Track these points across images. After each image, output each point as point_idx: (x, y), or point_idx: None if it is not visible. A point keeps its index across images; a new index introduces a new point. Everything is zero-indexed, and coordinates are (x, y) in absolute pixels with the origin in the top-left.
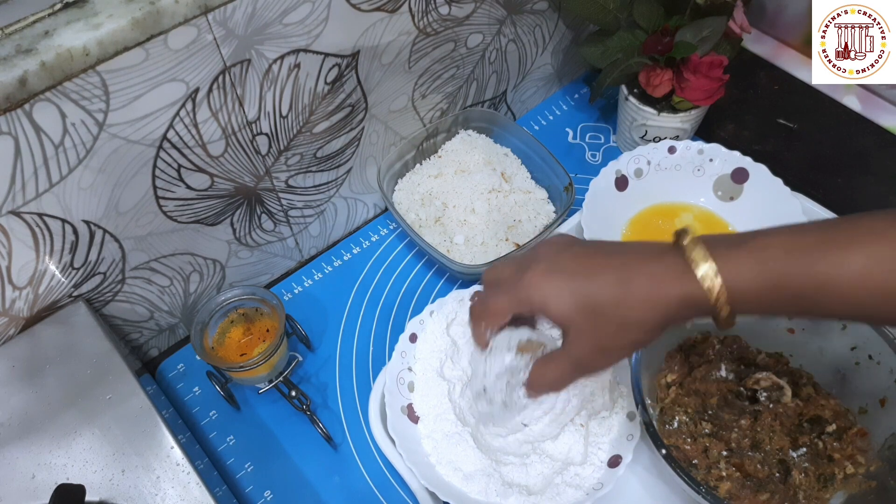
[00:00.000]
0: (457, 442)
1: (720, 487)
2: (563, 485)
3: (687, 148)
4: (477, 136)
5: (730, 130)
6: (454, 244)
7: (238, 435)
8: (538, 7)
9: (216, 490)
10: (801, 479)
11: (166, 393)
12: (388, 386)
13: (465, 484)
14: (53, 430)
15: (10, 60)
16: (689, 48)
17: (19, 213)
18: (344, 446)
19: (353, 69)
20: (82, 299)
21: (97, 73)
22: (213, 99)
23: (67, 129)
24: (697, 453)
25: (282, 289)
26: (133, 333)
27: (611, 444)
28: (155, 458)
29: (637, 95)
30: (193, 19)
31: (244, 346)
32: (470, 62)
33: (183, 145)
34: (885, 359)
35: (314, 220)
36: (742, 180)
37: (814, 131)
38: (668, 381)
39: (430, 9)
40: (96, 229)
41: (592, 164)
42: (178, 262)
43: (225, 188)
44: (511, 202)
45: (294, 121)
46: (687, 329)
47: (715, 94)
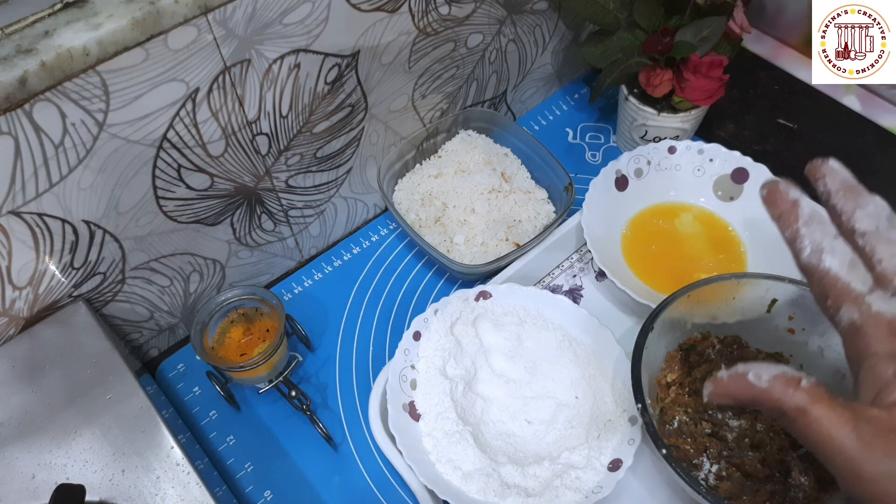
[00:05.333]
0: (457, 441)
1: (720, 487)
2: (563, 487)
3: (687, 148)
4: (477, 136)
5: (730, 130)
6: (454, 244)
7: (238, 435)
8: (538, 7)
9: (216, 490)
10: (801, 480)
11: (166, 393)
12: (391, 383)
13: (464, 483)
14: (53, 430)
15: (10, 60)
16: (689, 48)
17: (19, 213)
18: (344, 446)
19: (353, 69)
20: (82, 299)
21: (97, 73)
22: (213, 99)
23: (67, 129)
24: (697, 453)
25: (282, 289)
26: (133, 333)
27: (612, 447)
28: (155, 458)
29: (637, 95)
30: (193, 19)
31: (244, 346)
32: (470, 62)
33: (183, 145)
34: None
35: (314, 220)
36: (742, 180)
37: (814, 131)
38: (668, 381)
39: (430, 9)
40: (96, 229)
41: (592, 164)
42: (178, 262)
43: (225, 188)
44: (511, 202)
45: (294, 121)
46: (687, 329)
47: (715, 94)
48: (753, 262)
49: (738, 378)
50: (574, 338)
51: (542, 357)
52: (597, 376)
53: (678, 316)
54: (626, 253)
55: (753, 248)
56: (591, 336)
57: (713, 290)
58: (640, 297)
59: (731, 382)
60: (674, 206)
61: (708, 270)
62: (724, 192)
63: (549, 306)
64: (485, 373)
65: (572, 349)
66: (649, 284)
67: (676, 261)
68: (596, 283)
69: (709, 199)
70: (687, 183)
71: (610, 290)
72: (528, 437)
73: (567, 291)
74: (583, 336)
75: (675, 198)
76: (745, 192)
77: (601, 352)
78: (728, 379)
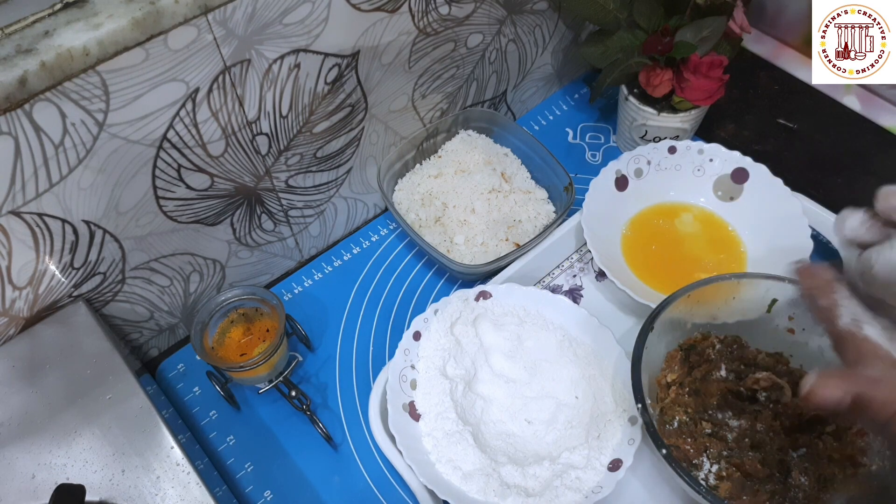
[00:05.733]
0: (457, 441)
1: (720, 487)
2: (563, 487)
3: (687, 148)
4: (477, 136)
5: (730, 130)
6: (454, 244)
7: (238, 435)
8: (538, 7)
9: (216, 490)
10: (801, 479)
11: (166, 393)
12: (391, 383)
13: (464, 483)
14: (53, 430)
15: (10, 60)
16: (689, 48)
17: (19, 213)
18: (344, 446)
19: (353, 69)
20: (82, 299)
21: (97, 73)
22: (213, 99)
23: (67, 129)
24: (697, 453)
25: (282, 289)
26: (133, 333)
27: (612, 447)
28: (155, 458)
29: (637, 95)
30: (193, 19)
31: (244, 346)
32: (470, 62)
33: (183, 145)
34: None
35: (314, 220)
36: (742, 180)
37: (814, 131)
38: (668, 381)
39: (430, 9)
40: (96, 229)
41: (592, 164)
42: (178, 262)
43: (225, 188)
44: (511, 202)
45: (294, 121)
46: (687, 329)
47: (715, 94)
48: (753, 262)
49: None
50: (574, 338)
51: (542, 357)
52: (597, 376)
53: (678, 316)
54: (626, 253)
55: (753, 248)
56: (591, 336)
57: (713, 290)
58: (640, 297)
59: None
60: (674, 206)
61: (708, 270)
62: (724, 192)
63: (549, 306)
64: (485, 373)
65: (572, 349)
66: (649, 284)
67: (676, 261)
68: (596, 283)
69: (709, 199)
70: (687, 183)
71: (610, 290)
72: (528, 437)
73: (567, 291)
74: (583, 336)
75: (675, 198)
76: (745, 192)
77: (601, 352)
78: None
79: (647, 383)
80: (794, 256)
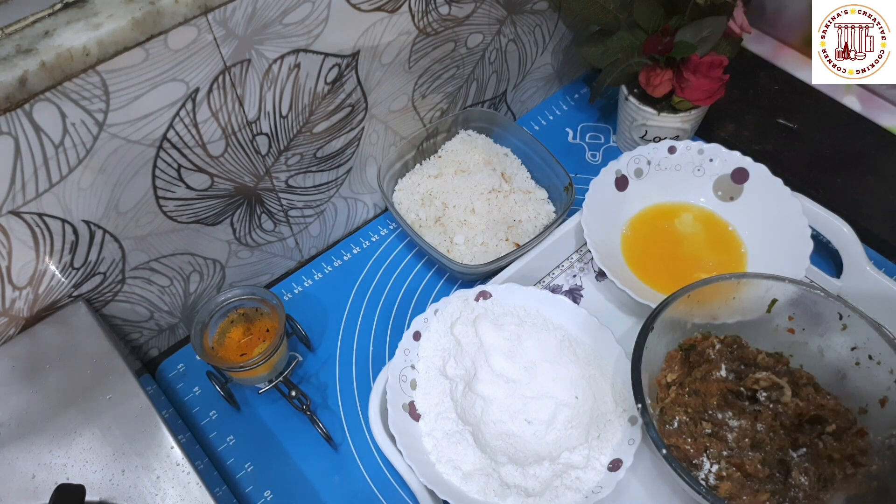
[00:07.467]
0: (457, 441)
1: (720, 487)
2: (563, 487)
3: (687, 148)
4: (477, 136)
5: (730, 130)
6: (454, 244)
7: (238, 435)
8: (538, 7)
9: (216, 490)
10: (801, 480)
11: (166, 393)
12: (391, 383)
13: (464, 483)
14: (53, 430)
15: (10, 60)
16: (689, 48)
17: (19, 213)
18: (344, 446)
19: (353, 69)
20: (82, 299)
21: (97, 73)
22: (213, 99)
23: (67, 129)
24: (697, 453)
25: (282, 289)
26: (133, 333)
27: (612, 447)
28: (155, 458)
29: (637, 95)
30: (193, 19)
31: (244, 346)
32: (470, 62)
33: (183, 145)
34: (885, 359)
35: (314, 220)
36: (742, 180)
37: (814, 131)
38: (668, 381)
39: (430, 9)
40: (96, 229)
41: (592, 164)
42: (178, 262)
43: (225, 188)
44: (511, 202)
45: (294, 121)
46: (687, 329)
47: (715, 94)
48: (753, 262)
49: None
50: (574, 338)
51: (542, 357)
52: (597, 376)
53: (678, 316)
54: (626, 253)
55: (753, 248)
56: (591, 336)
57: (713, 290)
58: (640, 297)
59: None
60: (674, 206)
61: (708, 270)
62: (724, 192)
63: (549, 306)
64: (485, 373)
65: (572, 349)
66: (649, 284)
67: (676, 261)
68: (596, 283)
69: (709, 199)
70: (687, 183)
71: (610, 290)
72: (528, 437)
73: (567, 291)
74: (583, 336)
75: (675, 198)
76: (745, 192)
77: (601, 352)
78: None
79: (647, 383)
80: (794, 256)
